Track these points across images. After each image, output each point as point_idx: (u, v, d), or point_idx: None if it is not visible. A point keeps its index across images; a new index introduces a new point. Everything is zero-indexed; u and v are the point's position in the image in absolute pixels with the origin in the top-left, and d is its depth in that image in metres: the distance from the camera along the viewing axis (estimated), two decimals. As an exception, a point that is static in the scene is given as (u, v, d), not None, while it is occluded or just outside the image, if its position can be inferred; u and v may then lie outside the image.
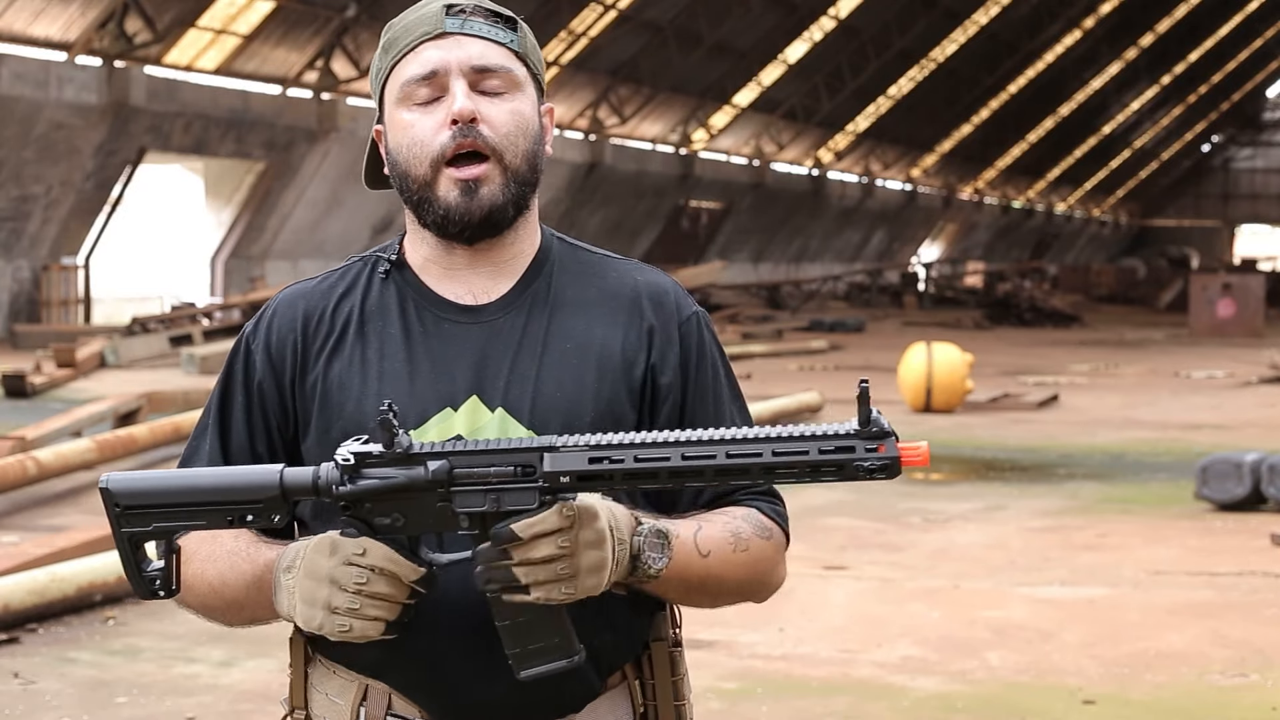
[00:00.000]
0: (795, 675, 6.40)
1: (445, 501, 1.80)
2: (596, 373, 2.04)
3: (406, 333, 2.05)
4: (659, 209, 42.46)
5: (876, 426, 1.75)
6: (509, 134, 2.01)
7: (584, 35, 34.07)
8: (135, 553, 1.86)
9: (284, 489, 1.83)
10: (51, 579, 7.12)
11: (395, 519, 1.81)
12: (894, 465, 1.75)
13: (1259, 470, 10.23)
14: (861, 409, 1.75)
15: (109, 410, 13.25)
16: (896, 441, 1.76)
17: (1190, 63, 61.62)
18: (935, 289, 47.78)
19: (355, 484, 1.80)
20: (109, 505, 1.85)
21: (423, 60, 2.01)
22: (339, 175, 30.93)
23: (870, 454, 1.74)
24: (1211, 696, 6.16)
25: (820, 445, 1.75)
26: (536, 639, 1.83)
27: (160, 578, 1.87)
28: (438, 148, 2.00)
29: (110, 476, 1.86)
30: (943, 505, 10.70)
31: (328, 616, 1.82)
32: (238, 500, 1.83)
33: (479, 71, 2.01)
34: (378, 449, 1.80)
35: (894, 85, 47.76)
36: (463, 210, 2.01)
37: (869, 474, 1.75)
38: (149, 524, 1.84)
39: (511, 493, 1.79)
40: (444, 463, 1.79)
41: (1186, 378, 21.24)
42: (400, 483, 1.79)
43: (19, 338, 23.90)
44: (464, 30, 2.01)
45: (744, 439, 1.76)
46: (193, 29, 26.79)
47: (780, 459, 1.75)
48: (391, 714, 2.02)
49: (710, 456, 1.76)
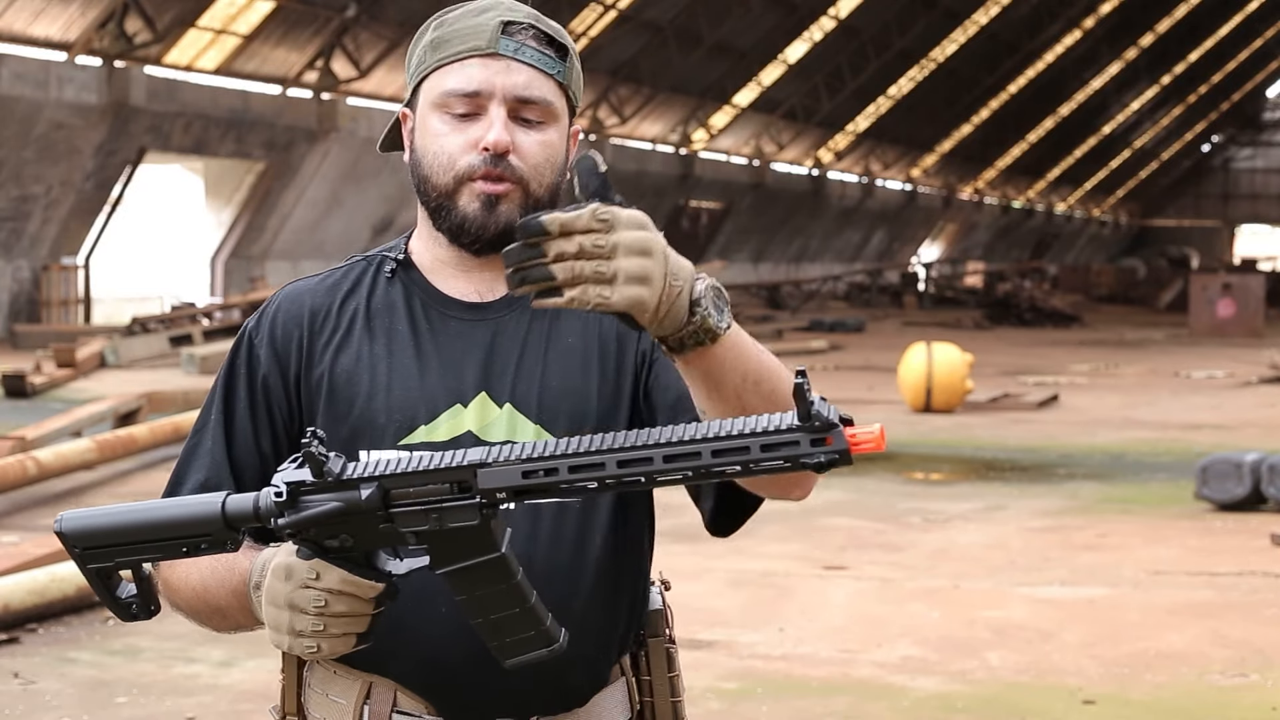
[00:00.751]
0: (795, 675, 6.40)
1: (388, 523, 1.78)
2: (600, 366, 2.05)
3: (414, 330, 2.06)
4: (659, 209, 42.47)
5: (819, 419, 1.63)
6: (537, 165, 2.02)
7: (584, 35, 34.09)
8: (107, 582, 1.86)
9: (226, 519, 1.81)
10: (51, 579, 7.12)
11: (344, 539, 1.79)
12: (844, 456, 1.64)
13: (1259, 470, 10.23)
14: (800, 403, 1.63)
15: (109, 410, 13.25)
16: (847, 428, 1.65)
17: (1190, 63, 61.61)
18: (935, 289, 47.78)
19: (294, 515, 1.77)
20: (68, 547, 1.85)
21: (468, 76, 2.00)
22: (339, 175, 30.93)
23: (817, 448, 1.64)
24: (1211, 696, 6.17)
25: (762, 442, 1.65)
26: (514, 631, 1.82)
27: (136, 602, 1.87)
28: (464, 167, 2.00)
29: (64, 518, 1.85)
30: (943, 505, 10.70)
31: (294, 640, 1.81)
32: (186, 534, 1.82)
33: (521, 101, 2.01)
34: (308, 477, 1.77)
35: (894, 85, 47.75)
36: (480, 223, 2.01)
37: (819, 468, 1.66)
38: (111, 559, 1.83)
39: (452, 510, 1.76)
40: (376, 487, 1.76)
41: (1186, 378, 21.24)
42: (337, 509, 1.77)
43: (19, 338, 23.90)
44: (516, 56, 2.00)
45: (680, 440, 1.68)
46: (193, 29, 26.78)
47: (720, 460, 1.67)
48: (397, 710, 2.02)
49: (647, 461, 1.69)
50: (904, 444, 13.89)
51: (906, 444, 13.89)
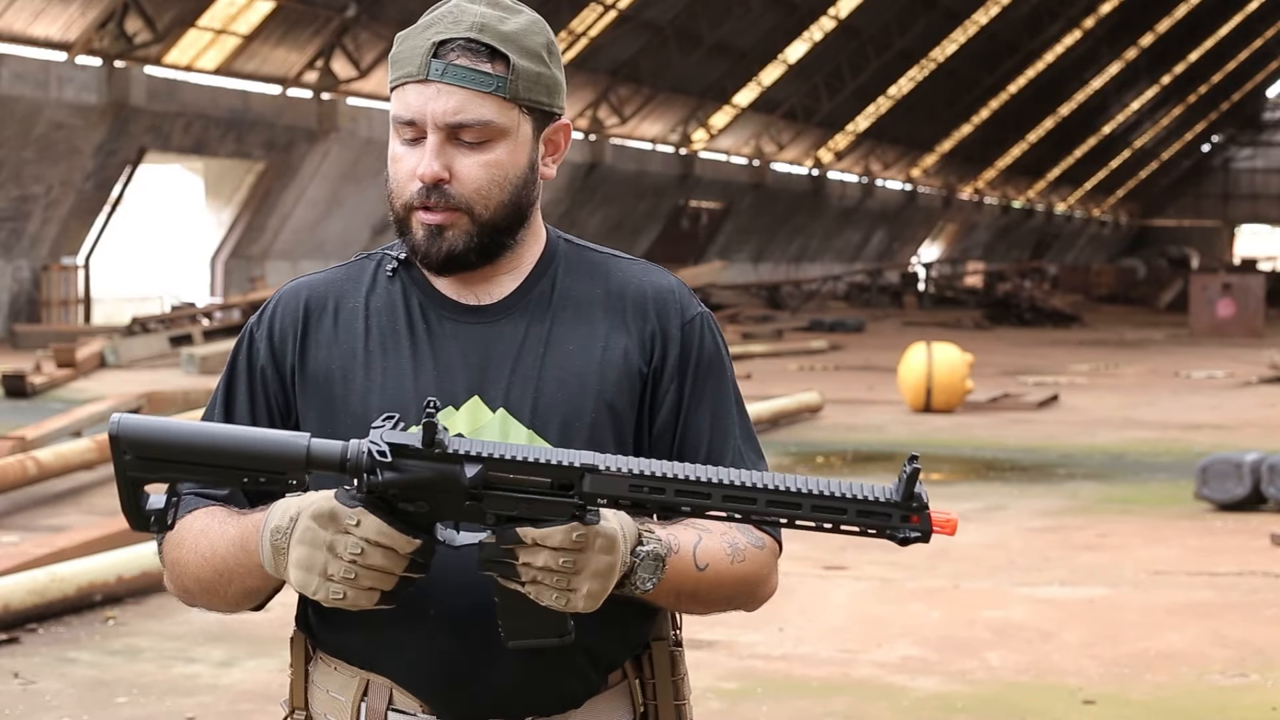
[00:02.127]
0: (795, 675, 6.40)
1: (475, 501, 1.79)
2: (598, 375, 2.04)
3: (411, 331, 2.06)
4: (659, 209, 42.46)
5: (917, 501, 1.77)
6: (480, 188, 1.99)
7: (584, 35, 34.08)
8: (136, 490, 1.82)
9: (310, 459, 1.79)
10: (51, 579, 7.12)
11: (420, 506, 1.80)
12: (925, 536, 1.78)
13: (1259, 470, 10.23)
14: (908, 485, 1.76)
15: (109, 410, 13.24)
16: (929, 514, 1.78)
17: (1190, 63, 61.60)
18: (935, 289, 47.78)
19: (386, 475, 1.77)
20: (116, 450, 1.79)
21: (406, 103, 2.00)
22: (339, 175, 30.93)
23: (904, 524, 1.77)
24: (1211, 696, 6.16)
25: (859, 508, 1.77)
26: (532, 615, 1.83)
27: (157, 514, 1.82)
28: (409, 195, 2.01)
29: (121, 419, 1.79)
30: (943, 505, 10.67)
31: (322, 583, 1.80)
32: (257, 464, 1.79)
33: (454, 127, 1.98)
34: (416, 444, 1.78)
35: (894, 85, 47.75)
36: (425, 251, 2.02)
37: (902, 542, 1.79)
38: (157, 472, 1.80)
39: (544, 504, 1.78)
40: (480, 469, 1.78)
41: (1186, 378, 21.24)
42: (431, 479, 1.78)
43: (19, 338, 23.90)
44: (444, 79, 1.97)
45: (786, 490, 1.77)
46: (193, 29, 26.79)
47: (817, 514, 1.77)
48: (393, 708, 2.02)
49: (751, 500, 1.77)
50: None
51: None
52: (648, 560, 1.87)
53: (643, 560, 1.86)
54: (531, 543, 1.78)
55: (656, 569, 1.88)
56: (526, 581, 1.79)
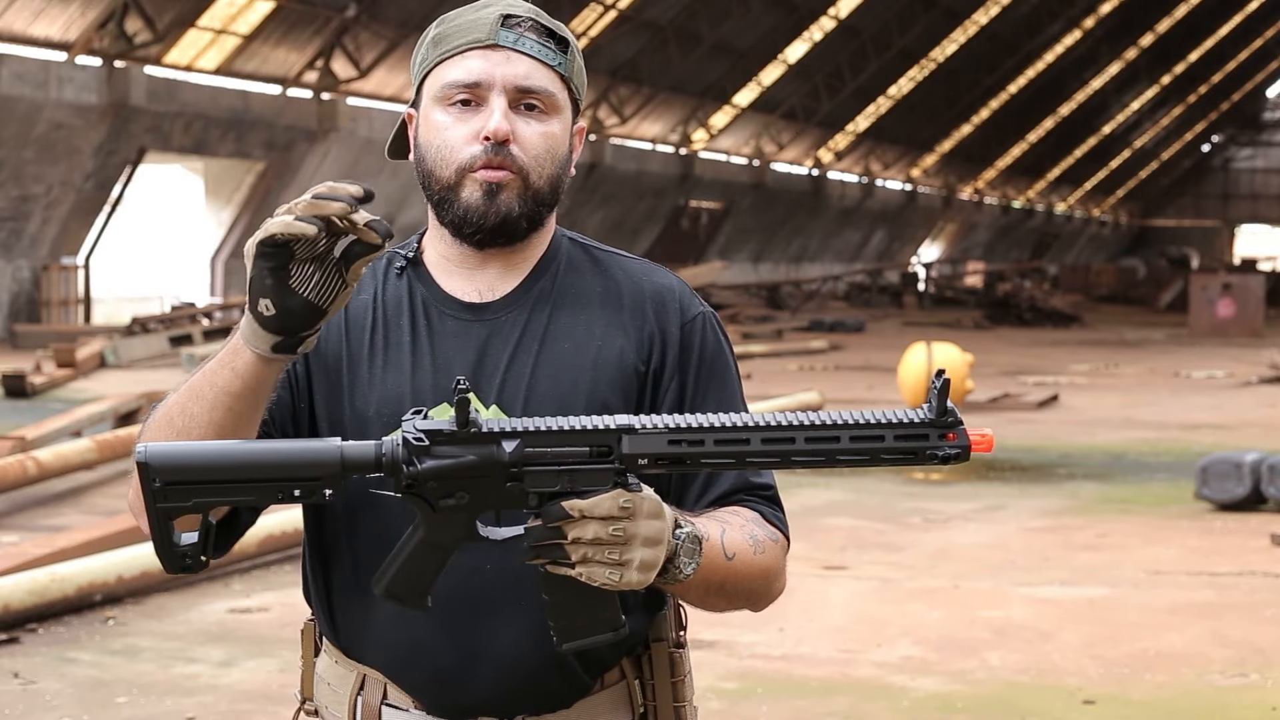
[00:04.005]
0: (795, 675, 6.40)
1: (516, 481, 1.76)
2: (592, 372, 2.05)
3: (414, 328, 2.07)
4: (659, 209, 42.46)
5: (951, 416, 1.76)
6: (538, 156, 2.03)
7: (584, 35, 34.08)
8: (167, 525, 1.76)
9: (345, 464, 1.75)
10: (51, 579, 7.12)
11: (460, 497, 1.76)
12: (965, 452, 1.78)
13: (1259, 470, 10.23)
14: (940, 399, 1.76)
15: (109, 410, 13.25)
16: (964, 428, 1.78)
17: (1190, 63, 61.59)
18: (935, 289, 47.76)
19: (424, 464, 1.74)
20: (146, 480, 1.73)
21: (468, 68, 2.01)
22: (339, 175, 30.92)
23: (942, 442, 1.76)
24: (1211, 696, 6.16)
25: (896, 433, 1.76)
26: (584, 612, 1.80)
27: (191, 553, 1.77)
28: (466, 157, 2.01)
29: (149, 449, 1.74)
30: (943, 505, 10.70)
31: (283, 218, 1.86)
32: (292, 476, 1.74)
33: (521, 91, 2.01)
34: (449, 427, 1.75)
35: (894, 85, 47.74)
36: (480, 212, 2.02)
37: (940, 461, 1.77)
38: (188, 499, 1.74)
39: (586, 473, 1.75)
40: (518, 443, 1.75)
41: (1186, 378, 21.23)
42: (471, 464, 1.74)
43: (19, 338, 23.89)
44: (516, 46, 2.01)
45: (823, 424, 1.75)
46: (193, 29, 26.78)
47: (856, 445, 1.76)
48: (387, 703, 2.04)
49: (789, 440, 1.75)
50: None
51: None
52: (687, 543, 1.85)
53: (682, 542, 1.84)
54: (579, 515, 1.75)
55: (695, 552, 1.86)
56: (577, 561, 1.76)
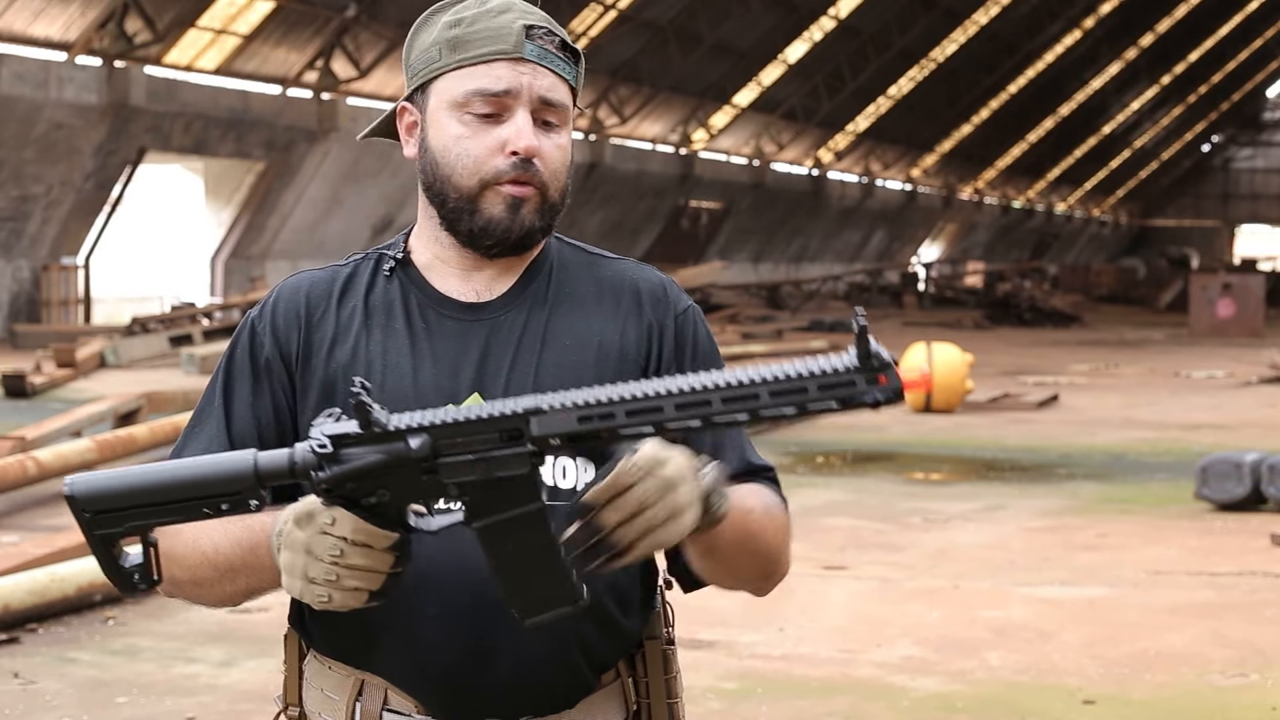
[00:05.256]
0: (795, 675, 6.40)
1: (431, 474, 1.73)
2: (595, 367, 2.05)
3: (410, 329, 2.06)
4: (659, 209, 42.46)
5: (877, 359, 1.66)
6: (556, 170, 2.04)
7: (584, 35, 34.08)
8: (110, 550, 1.79)
9: (259, 476, 1.75)
10: (51, 579, 7.12)
11: (381, 495, 1.74)
12: (898, 394, 1.67)
13: (1259, 470, 10.23)
14: (860, 344, 1.65)
15: (109, 410, 13.25)
16: (897, 369, 1.68)
17: (1190, 63, 61.60)
18: (935, 289, 47.76)
19: (334, 469, 1.73)
20: (77, 512, 1.77)
21: (496, 77, 2.01)
22: (339, 175, 30.93)
23: (872, 386, 1.66)
24: (1211, 696, 6.16)
25: (820, 383, 1.66)
26: (540, 588, 1.78)
27: (140, 571, 1.79)
28: (491, 171, 2.01)
29: (73, 481, 1.77)
30: (943, 505, 10.70)
31: (306, 586, 1.77)
32: (212, 492, 1.75)
33: (545, 105, 2.02)
34: (354, 429, 1.73)
35: (894, 85, 47.74)
36: (504, 226, 2.02)
37: (872, 406, 1.67)
38: (121, 524, 1.77)
39: (500, 460, 1.72)
40: (426, 438, 1.72)
41: (1186, 378, 21.23)
42: (382, 462, 1.73)
43: (19, 338, 23.89)
44: (540, 61, 2.02)
45: (739, 383, 1.67)
46: (193, 29, 26.78)
47: (778, 400, 1.67)
48: (388, 709, 2.02)
49: (705, 404, 1.67)
50: (904, 444, 13.89)
51: (906, 444, 13.89)
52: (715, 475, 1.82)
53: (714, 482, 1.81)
54: (607, 500, 1.72)
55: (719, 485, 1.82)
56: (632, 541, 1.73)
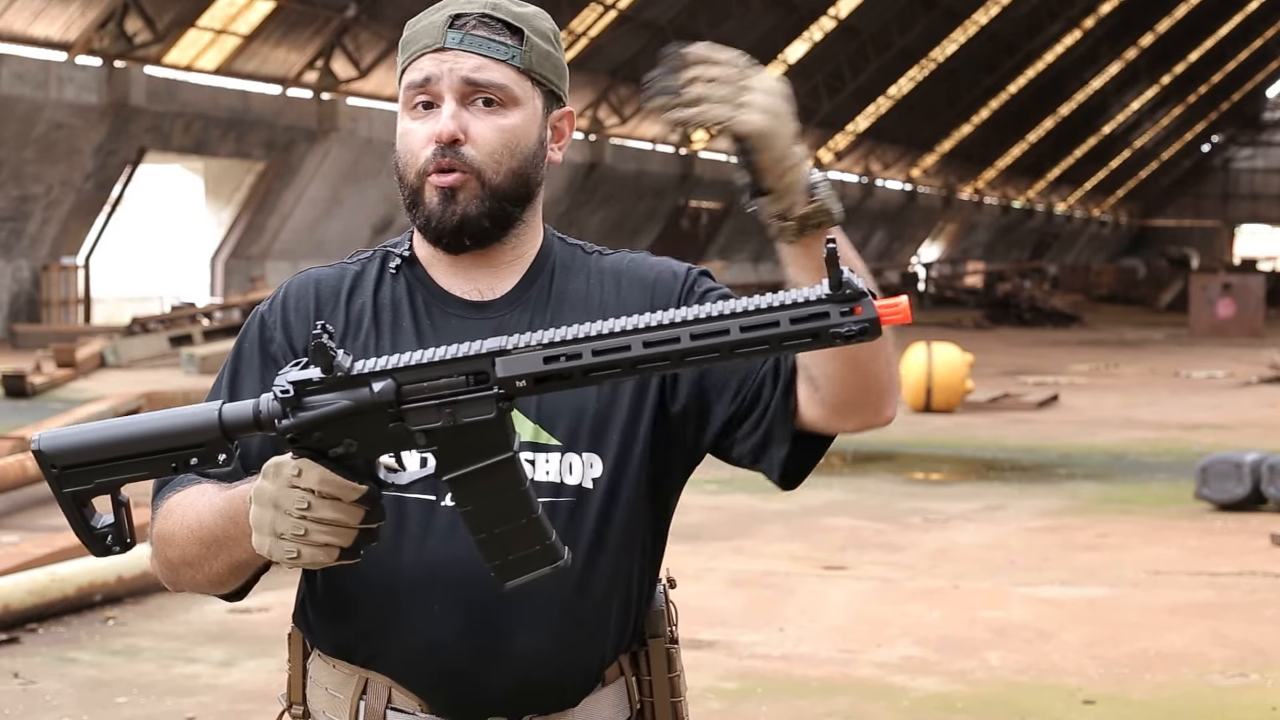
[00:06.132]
0: (795, 675, 6.40)
1: (398, 421, 1.70)
2: None
3: (417, 327, 2.07)
4: (659, 209, 42.46)
5: (850, 288, 1.61)
6: (493, 152, 2.01)
7: (584, 35, 34.08)
8: (81, 510, 1.76)
9: (224, 427, 1.72)
10: (51, 579, 7.12)
11: (348, 445, 1.71)
12: (874, 326, 1.62)
13: (1259, 470, 10.23)
14: (832, 271, 1.61)
15: (109, 410, 13.25)
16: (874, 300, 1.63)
17: (1190, 63, 61.58)
18: (935, 289, 47.77)
19: (298, 415, 1.70)
20: (45, 467, 1.74)
21: (419, 69, 2.03)
22: (339, 175, 30.93)
23: (846, 318, 1.61)
24: (1211, 696, 6.16)
25: (791, 315, 1.62)
26: (518, 547, 1.75)
27: (112, 533, 1.77)
28: (422, 161, 2.02)
29: (41, 436, 1.75)
30: (943, 505, 10.70)
31: (275, 543, 1.73)
32: (179, 445, 1.73)
33: (470, 85, 2.01)
34: (317, 374, 1.70)
35: (894, 85, 47.74)
36: (439, 217, 2.02)
37: (847, 339, 1.62)
38: (90, 480, 1.74)
39: (466, 404, 1.69)
40: (389, 381, 1.68)
41: (1186, 378, 21.23)
42: (346, 408, 1.69)
43: (19, 338, 23.89)
44: (461, 46, 2.01)
45: (707, 317, 1.63)
46: (193, 29, 26.78)
47: (749, 334, 1.63)
48: (392, 707, 2.02)
49: (674, 340, 1.64)
50: (904, 444, 13.89)
51: (906, 444, 13.89)
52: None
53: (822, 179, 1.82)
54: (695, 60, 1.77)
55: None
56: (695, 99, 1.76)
